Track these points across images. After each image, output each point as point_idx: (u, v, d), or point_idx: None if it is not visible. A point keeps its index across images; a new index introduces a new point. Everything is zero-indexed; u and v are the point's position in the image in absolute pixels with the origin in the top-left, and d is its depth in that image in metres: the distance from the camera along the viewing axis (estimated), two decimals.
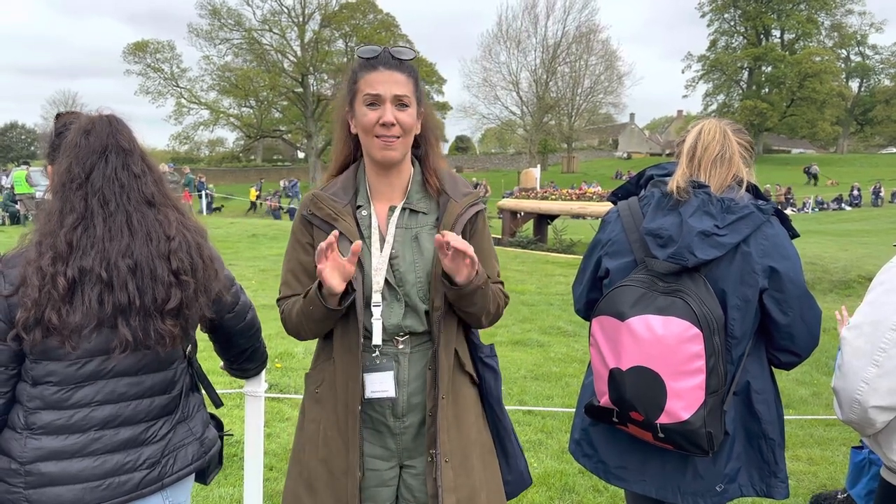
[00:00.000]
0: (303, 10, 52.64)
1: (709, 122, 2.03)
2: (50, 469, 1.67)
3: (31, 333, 1.61)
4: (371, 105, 1.77)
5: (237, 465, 3.89)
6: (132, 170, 1.73)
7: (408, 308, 1.82)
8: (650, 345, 1.77)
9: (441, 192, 1.89)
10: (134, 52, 51.39)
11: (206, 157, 65.95)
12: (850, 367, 1.70)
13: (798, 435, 4.70)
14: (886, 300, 1.67)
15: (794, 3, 60.43)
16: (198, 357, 2.01)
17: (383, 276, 1.80)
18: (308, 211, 1.86)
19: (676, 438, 1.78)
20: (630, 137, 75.06)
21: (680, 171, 1.96)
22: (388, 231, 1.84)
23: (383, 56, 1.80)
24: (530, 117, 54.53)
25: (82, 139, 1.72)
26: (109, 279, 1.64)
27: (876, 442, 1.79)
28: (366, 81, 1.78)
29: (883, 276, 1.73)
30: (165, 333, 1.70)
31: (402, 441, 1.85)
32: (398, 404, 1.83)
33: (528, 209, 16.07)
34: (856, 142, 70.38)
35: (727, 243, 1.79)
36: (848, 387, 1.71)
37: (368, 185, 1.88)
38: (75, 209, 1.67)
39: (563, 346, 6.79)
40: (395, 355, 1.83)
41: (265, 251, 12.89)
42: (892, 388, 1.65)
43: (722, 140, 1.96)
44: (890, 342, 1.64)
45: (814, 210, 32.97)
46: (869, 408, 1.68)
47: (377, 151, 1.79)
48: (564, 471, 4.00)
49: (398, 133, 1.77)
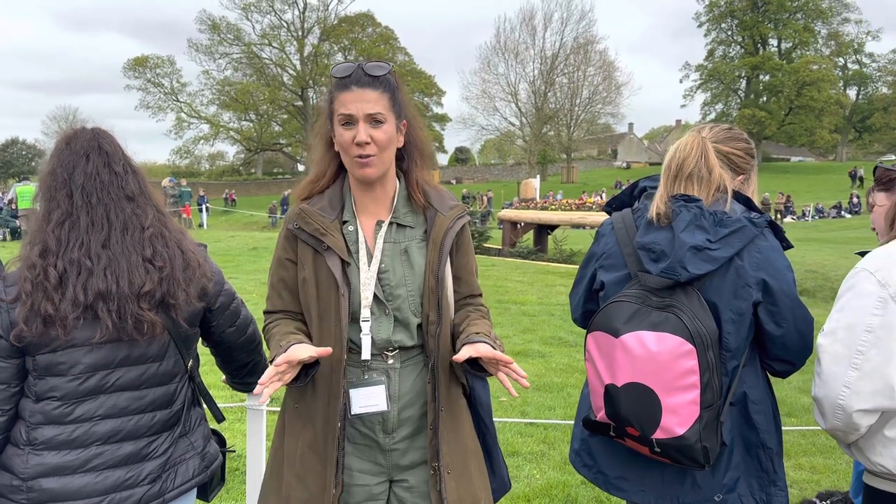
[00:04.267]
0: (302, 25, 53.00)
1: (687, 135, 1.99)
2: (52, 485, 1.68)
3: (32, 325, 1.65)
4: (346, 125, 1.77)
5: (239, 479, 3.88)
6: (113, 168, 1.79)
7: (397, 322, 1.82)
8: (644, 361, 1.76)
9: (427, 205, 1.89)
10: (134, 68, 51.72)
11: (206, 171, 66.05)
12: (830, 373, 1.71)
13: (800, 444, 4.69)
14: (857, 304, 1.70)
15: (791, 12, 60.75)
16: (200, 371, 2.02)
17: (372, 291, 1.80)
18: (295, 225, 1.84)
19: (672, 453, 1.78)
20: (629, 147, 75.21)
21: (659, 194, 1.93)
22: (376, 246, 1.84)
23: (356, 74, 1.78)
24: (529, 128, 54.65)
25: (65, 146, 1.79)
26: (91, 268, 1.70)
27: (857, 448, 1.80)
28: (339, 101, 1.78)
29: (851, 281, 1.75)
30: (144, 320, 1.72)
31: (392, 457, 1.85)
32: (389, 420, 1.82)
33: (528, 220, 16.09)
34: (854, 149, 70.45)
35: (720, 257, 1.79)
36: (830, 393, 1.72)
37: (354, 200, 1.88)
38: (60, 206, 1.74)
39: (564, 357, 6.78)
40: (385, 370, 1.83)
41: (266, 264, 12.84)
42: (874, 390, 1.66)
43: (699, 155, 1.91)
44: (867, 344, 1.66)
45: (813, 218, 32.97)
46: (853, 412, 1.69)
47: (355, 170, 1.81)
48: (567, 482, 3.99)
49: (373, 151, 1.76)
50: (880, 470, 1.75)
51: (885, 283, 1.67)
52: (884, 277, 1.68)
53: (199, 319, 1.90)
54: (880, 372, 1.66)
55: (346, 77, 1.79)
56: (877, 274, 1.69)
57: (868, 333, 1.66)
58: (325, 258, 1.80)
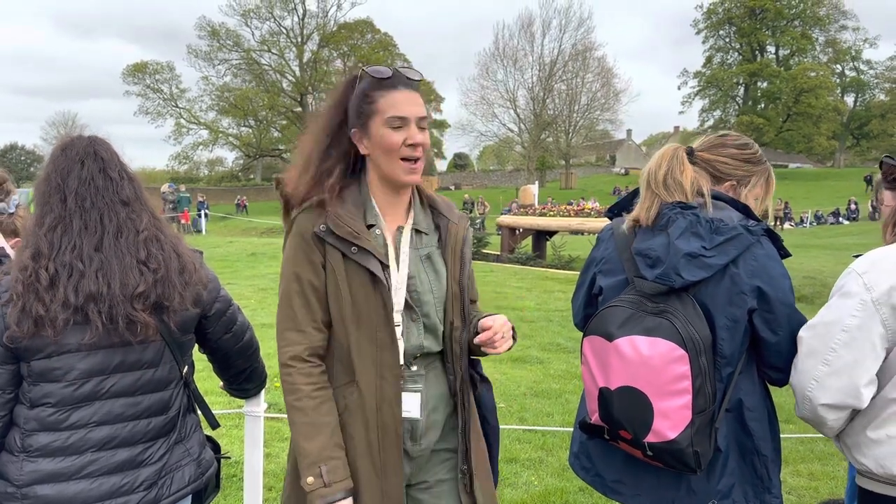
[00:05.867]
0: (301, 31, 53.13)
1: (664, 148, 2.04)
2: (46, 492, 1.67)
3: (23, 326, 1.65)
4: (397, 127, 1.72)
5: (236, 486, 3.87)
6: (109, 174, 1.80)
7: (426, 328, 1.82)
8: (637, 365, 1.78)
9: (435, 212, 1.91)
10: (133, 74, 51.81)
11: (205, 177, 66.12)
12: (804, 365, 1.78)
13: (799, 450, 4.69)
14: (842, 303, 1.75)
15: (789, 19, 60.99)
16: (196, 377, 2.02)
17: (403, 296, 1.77)
18: (322, 227, 1.73)
19: (664, 457, 1.80)
20: (627, 153, 75.34)
21: (638, 205, 1.97)
22: (402, 251, 1.81)
23: (398, 76, 1.76)
24: (528, 134, 54.73)
25: (61, 152, 1.80)
26: (83, 270, 1.70)
27: (846, 446, 1.84)
28: (389, 101, 1.73)
29: (841, 281, 1.79)
30: (137, 321, 1.72)
31: (416, 463, 1.85)
32: (418, 427, 1.81)
33: (526, 225, 16.09)
34: (852, 156, 70.61)
35: (714, 264, 1.81)
36: (800, 384, 1.80)
37: (376, 205, 1.82)
38: (53, 210, 1.74)
39: (562, 363, 6.77)
40: (413, 377, 1.82)
41: (264, 269, 12.89)
42: (839, 387, 1.72)
43: (669, 164, 1.96)
44: (840, 343, 1.71)
45: (812, 224, 33.03)
46: (818, 405, 1.76)
47: (403, 174, 1.76)
48: (565, 488, 3.98)
49: (421, 154, 1.76)
50: (865, 470, 1.78)
51: (869, 287, 1.71)
52: (870, 280, 1.72)
53: (193, 326, 1.90)
54: (848, 372, 1.71)
55: (390, 78, 1.75)
56: (864, 276, 1.73)
57: (844, 333, 1.71)
58: (356, 262, 1.72)
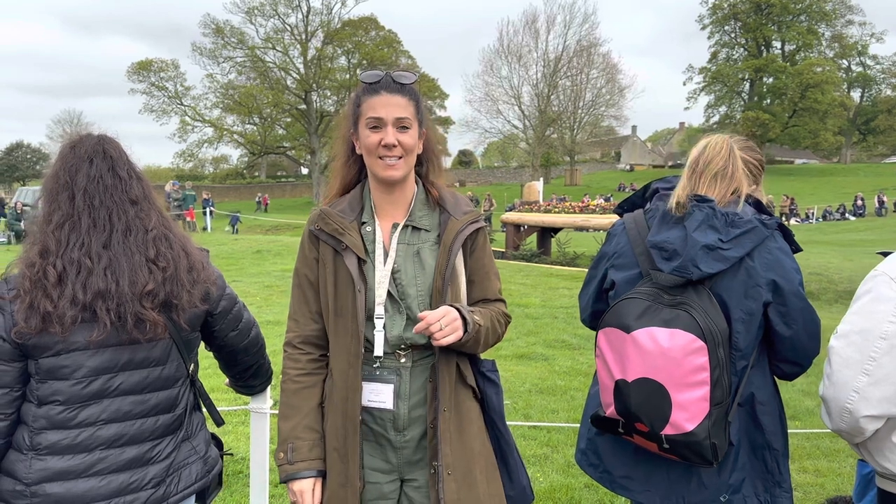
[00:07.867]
0: (305, 28, 53.07)
1: (717, 136, 2.05)
2: (55, 490, 1.68)
3: (31, 322, 1.65)
4: (374, 128, 1.85)
5: (243, 482, 3.88)
6: (118, 173, 1.80)
7: (409, 321, 1.86)
8: (655, 357, 1.78)
9: (442, 209, 1.95)
10: (138, 71, 51.82)
11: (210, 175, 66.27)
12: (841, 376, 1.70)
13: (805, 447, 4.67)
14: (874, 308, 1.68)
15: (794, 14, 60.68)
16: (201, 374, 2.02)
17: (386, 289, 1.86)
18: (316, 226, 1.92)
19: (681, 450, 1.79)
20: (632, 149, 75.25)
21: (681, 186, 1.99)
22: (391, 246, 1.89)
23: (385, 80, 1.87)
24: (532, 131, 54.65)
25: (70, 150, 1.80)
26: (91, 267, 1.70)
27: (866, 450, 1.79)
28: (368, 105, 1.86)
29: (868, 285, 1.73)
30: (146, 319, 1.72)
31: (402, 455, 1.88)
32: (399, 418, 1.87)
33: (531, 222, 16.08)
34: (859, 151, 70.39)
35: (731, 257, 1.81)
36: (839, 396, 1.71)
37: (373, 203, 1.94)
38: (61, 208, 1.75)
39: (567, 360, 6.77)
40: (396, 369, 1.87)
41: (270, 267, 12.91)
42: (883, 396, 1.65)
43: (726, 156, 1.98)
44: (880, 351, 1.64)
45: (818, 220, 32.92)
46: (860, 417, 1.68)
47: (380, 170, 1.86)
48: (570, 485, 3.98)
49: (400, 153, 1.85)
50: (889, 473, 1.75)
51: None
52: None
53: (200, 323, 1.90)
54: (891, 380, 1.64)
55: (375, 83, 1.87)
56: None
57: (883, 340, 1.64)
58: (343, 257, 1.87)
